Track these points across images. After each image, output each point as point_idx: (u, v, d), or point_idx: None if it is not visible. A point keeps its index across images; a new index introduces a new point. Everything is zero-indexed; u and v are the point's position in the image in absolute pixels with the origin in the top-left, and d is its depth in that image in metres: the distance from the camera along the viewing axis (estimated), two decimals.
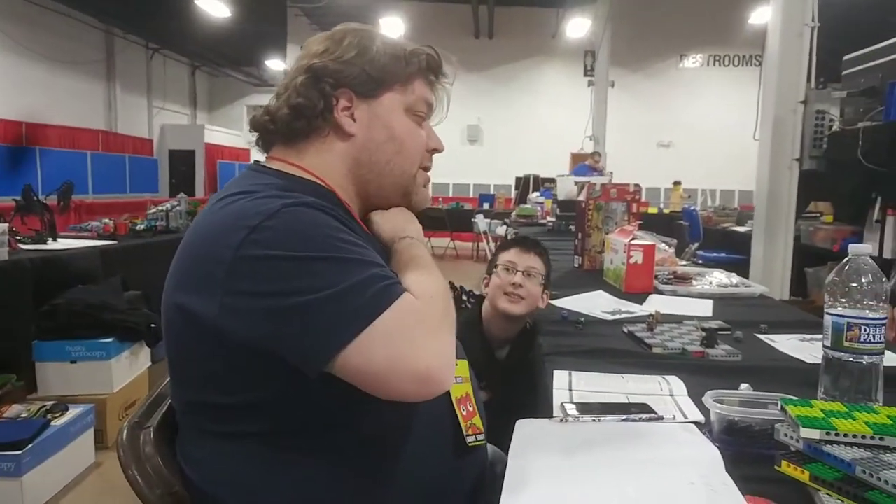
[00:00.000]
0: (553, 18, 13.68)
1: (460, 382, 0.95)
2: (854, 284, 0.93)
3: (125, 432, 0.92)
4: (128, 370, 2.84)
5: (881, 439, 0.68)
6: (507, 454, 0.83)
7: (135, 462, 0.88)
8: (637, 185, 2.58)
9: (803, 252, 4.23)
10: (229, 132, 16.94)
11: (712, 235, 5.87)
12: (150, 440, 0.90)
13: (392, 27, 11.92)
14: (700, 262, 4.54)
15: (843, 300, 0.94)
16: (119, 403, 2.73)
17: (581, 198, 2.64)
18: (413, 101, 0.91)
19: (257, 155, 1.00)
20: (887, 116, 3.47)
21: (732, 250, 5.25)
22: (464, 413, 0.91)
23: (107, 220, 3.76)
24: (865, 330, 0.92)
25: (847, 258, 0.96)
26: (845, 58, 4.09)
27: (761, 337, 1.52)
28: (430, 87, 0.94)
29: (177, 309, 0.77)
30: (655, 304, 1.83)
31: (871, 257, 0.96)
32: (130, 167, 13.58)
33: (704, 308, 1.80)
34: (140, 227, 3.85)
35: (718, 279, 2.15)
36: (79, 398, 2.57)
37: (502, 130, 14.64)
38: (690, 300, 1.91)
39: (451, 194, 13.70)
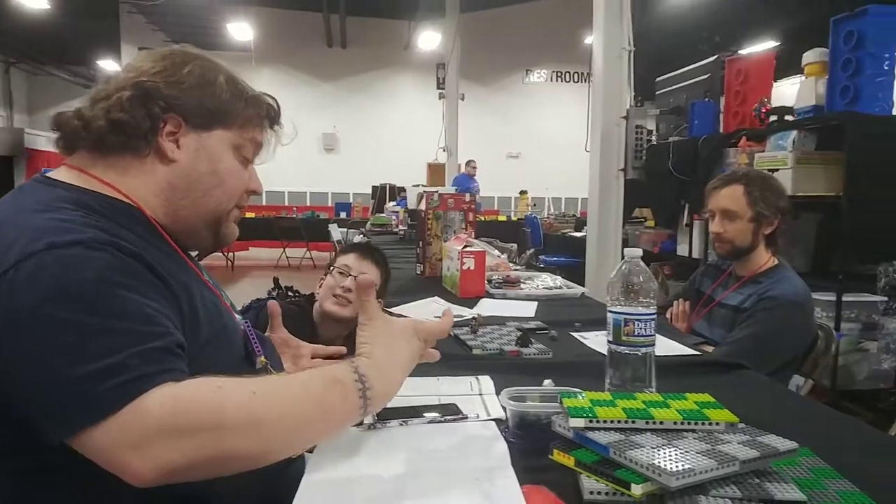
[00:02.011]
0: (405, 30, 13.91)
1: None
2: (629, 284, 1.04)
3: None
4: None
5: (633, 422, 0.76)
6: None
7: None
8: (472, 196, 2.69)
9: None
10: None
11: (553, 241, 6.28)
12: None
13: (240, 32, 11.47)
14: (542, 265, 4.84)
15: (622, 298, 1.05)
16: None
17: (422, 207, 2.71)
18: (243, 142, 0.90)
19: None
20: (690, 132, 3.94)
21: (570, 254, 5.65)
22: None
23: None
24: (639, 324, 1.03)
25: (623, 261, 1.07)
26: (657, 79, 4.57)
27: (575, 335, 1.64)
28: (262, 133, 0.93)
29: None
30: (485, 307, 1.92)
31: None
32: None
33: (529, 309, 1.91)
34: None
35: (545, 282, 2.30)
36: None
37: (359, 139, 14.60)
38: (518, 302, 2.02)
39: (308, 203, 13.41)
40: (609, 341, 1.05)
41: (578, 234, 5.87)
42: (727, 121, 3.64)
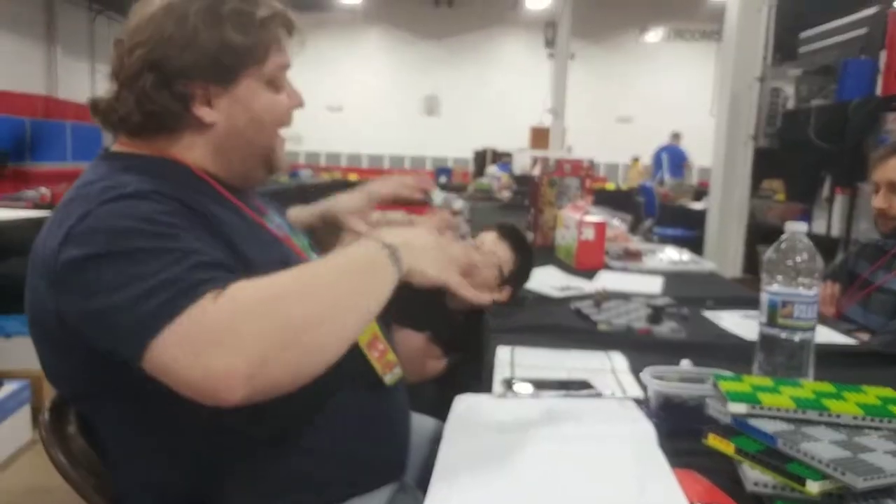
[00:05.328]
0: None
1: None
2: (789, 262, 0.94)
3: (48, 412, 0.89)
4: None
5: (803, 413, 0.69)
6: None
7: (58, 442, 0.86)
8: (591, 161, 2.58)
9: (756, 229, 4.31)
10: None
11: (669, 212, 5.96)
12: (73, 419, 0.88)
13: None
14: (656, 238, 4.62)
15: (780, 277, 0.95)
16: None
17: (535, 172, 2.63)
18: (272, 73, 0.87)
19: None
20: (840, 95, 3.53)
21: (688, 227, 5.35)
22: (375, 355, 0.89)
23: (44, 190, 3.62)
24: (799, 307, 0.93)
25: (784, 235, 0.97)
26: (802, 35, 4.13)
27: (707, 314, 1.54)
28: (286, 51, 0.90)
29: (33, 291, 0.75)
30: (605, 280, 1.84)
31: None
32: (73, 134, 12.94)
33: (654, 284, 1.82)
34: None
35: (669, 256, 2.18)
36: (14, 373, 2.46)
37: (461, 102, 14.45)
38: (640, 276, 1.93)
39: (407, 166, 13.55)
40: (762, 323, 0.96)
41: (697, 206, 5.54)
42: (887, 82, 3.23)
